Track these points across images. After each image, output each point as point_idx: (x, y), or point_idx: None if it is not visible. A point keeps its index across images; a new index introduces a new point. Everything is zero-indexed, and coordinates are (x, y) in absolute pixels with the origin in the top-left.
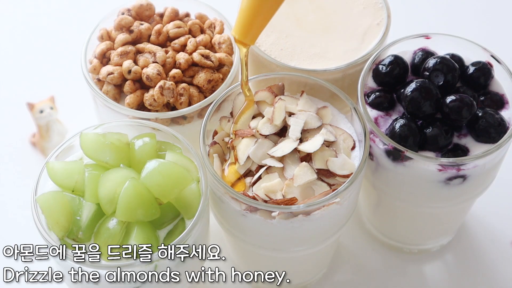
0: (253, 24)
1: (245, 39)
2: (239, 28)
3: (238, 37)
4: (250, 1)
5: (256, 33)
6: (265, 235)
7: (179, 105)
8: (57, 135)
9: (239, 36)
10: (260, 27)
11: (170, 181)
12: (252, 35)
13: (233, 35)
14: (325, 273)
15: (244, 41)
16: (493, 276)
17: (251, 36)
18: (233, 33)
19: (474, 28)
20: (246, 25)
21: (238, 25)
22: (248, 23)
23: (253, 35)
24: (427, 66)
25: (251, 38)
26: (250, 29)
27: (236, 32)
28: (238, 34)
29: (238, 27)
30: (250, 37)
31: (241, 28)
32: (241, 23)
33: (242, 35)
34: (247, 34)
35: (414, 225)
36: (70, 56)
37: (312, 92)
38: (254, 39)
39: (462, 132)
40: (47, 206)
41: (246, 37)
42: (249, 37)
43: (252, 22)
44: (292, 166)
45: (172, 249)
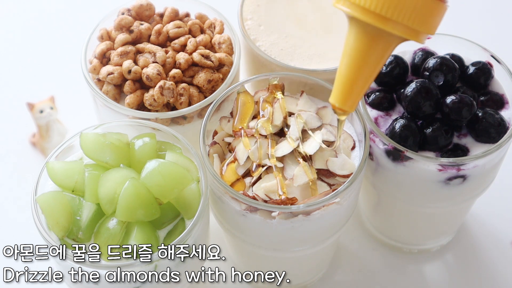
0: (352, 92)
1: (344, 107)
2: (338, 95)
3: (338, 105)
4: (349, 67)
5: (356, 101)
6: (265, 235)
7: (179, 105)
8: (57, 135)
9: (339, 104)
10: (359, 94)
11: (170, 181)
12: (351, 102)
13: (331, 103)
14: (325, 273)
15: (343, 108)
16: (493, 276)
17: (350, 104)
18: (332, 101)
19: (474, 28)
20: (345, 93)
21: (337, 92)
22: (347, 91)
23: (352, 103)
24: (427, 66)
25: (350, 106)
26: (349, 97)
27: (336, 100)
28: (338, 101)
29: (337, 95)
30: (350, 105)
31: (341, 96)
32: (340, 90)
33: (342, 103)
34: (347, 102)
35: (414, 225)
36: (70, 56)
37: (312, 92)
38: (354, 107)
39: (462, 132)
40: (47, 206)
41: (345, 104)
42: (348, 104)
43: (351, 90)
44: (292, 166)
45: (172, 249)
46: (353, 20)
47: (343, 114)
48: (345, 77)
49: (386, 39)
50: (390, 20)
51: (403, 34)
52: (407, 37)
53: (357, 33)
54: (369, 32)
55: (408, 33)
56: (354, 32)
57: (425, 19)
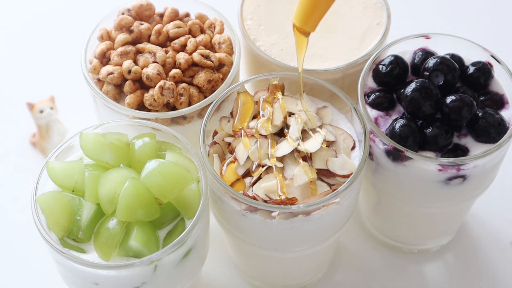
0: (314, 10)
1: (305, 26)
2: (300, 15)
3: (299, 24)
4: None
5: (317, 20)
6: (265, 235)
7: (179, 105)
8: (57, 135)
9: (299, 23)
10: (321, 13)
11: (170, 181)
12: (313, 21)
13: (293, 22)
14: (325, 273)
15: (304, 28)
16: (493, 276)
17: (311, 23)
18: (293, 20)
19: (474, 28)
20: (307, 11)
21: (299, 12)
22: (309, 10)
23: (314, 22)
24: (427, 66)
25: (311, 25)
26: (311, 15)
27: (297, 20)
28: (299, 21)
29: (298, 14)
30: (311, 24)
31: (302, 15)
32: (302, 9)
33: (302, 22)
34: (308, 20)
35: (414, 225)
36: (70, 56)
37: (312, 92)
38: (315, 26)
39: (462, 132)
40: (47, 206)
41: (306, 24)
42: (309, 23)
43: (313, 9)
44: (292, 166)
45: (172, 249)
46: None
47: (304, 34)
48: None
49: None
50: None
51: None
52: None
53: None
54: None
55: None
56: None
57: None
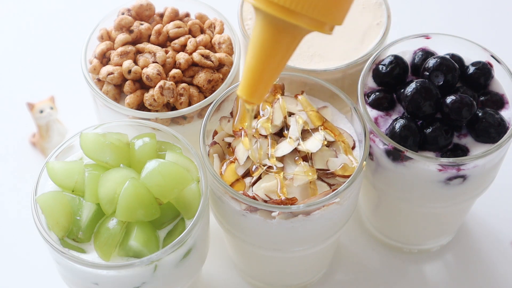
0: (259, 84)
1: (252, 99)
2: (245, 88)
3: (246, 97)
4: (255, 60)
5: (263, 93)
6: (265, 235)
7: (179, 105)
8: (57, 135)
9: (246, 97)
10: (267, 86)
11: (170, 181)
12: (259, 94)
13: (239, 95)
14: (325, 273)
15: (251, 101)
16: (493, 276)
17: (258, 96)
18: (239, 93)
19: (474, 28)
20: (252, 85)
21: (244, 85)
22: (254, 83)
23: (260, 95)
24: (427, 66)
25: (258, 98)
26: (256, 89)
27: (243, 93)
28: (245, 94)
29: (244, 87)
30: (257, 97)
31: (247, 88)
32: (247, 83)
33: (248, 95)
34: (254, 94)
35: (414, 225)
36: (70, 56)
37: (312, 92)
38: (262, 98)
39: (462, 132)
40: (47, 206)
41: (253, 97)
42: (256, 97)
43: (258, 82)
44: (292, 166)
45: (172, 249)
46: (258, 12)
47: (251, 105)
48: (252, 70)
49: (292, 31)
50: (294, 12)
51: (308, 26)
52: (313, 28)
53: (263, 25)
54: (274, 24)
55: (314, 25)
56: (260, 24)
57: (330, 10)
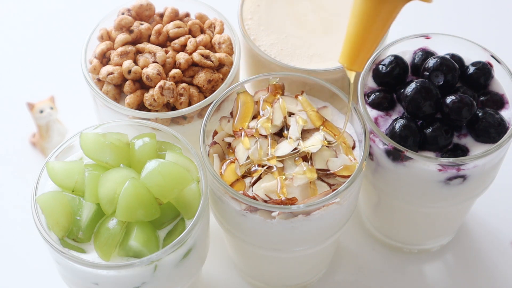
0: (360, 51)
1: (352, 67)
2: (347, 56)
3: (347, 65)
4: (356, 28)
5: (364, 60)
6: (265, 235)
7: (179, 105)
8: (57, 135)
9: (347, 65)
10: (367, 53)
11: (170, 181)
12: (360, 62)
13: (341, 63)
14: (325, 273)
15: (352, 68)
16: (493, 276)
17: (359, 63)
18: (341, 61)
19: (474, 28)
20: (353, 53)
21: (345, 53)
22: (355, 51)
23: (361, 62)
24: (427, 66)
25: (359, 65)
26: (357, 56)
27: (344, 61)
28: (347, 62)
29: (345, 55)
30: (358, 64)
31: (349, 56)
32: (348, 51)
33: (350, 63)
34: (355, 61)
35: (414, 225)
36: (70, 56)
37: (312, 92)
38: (363, 66)
39: (462, 132)
40: (47, 206)
41: (353, 64)
42: (357, 64)
43: (359, 49)
44: (292, 166)
45: (172, 249)
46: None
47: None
48: (353, 38)
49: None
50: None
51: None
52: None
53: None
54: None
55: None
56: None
57: None
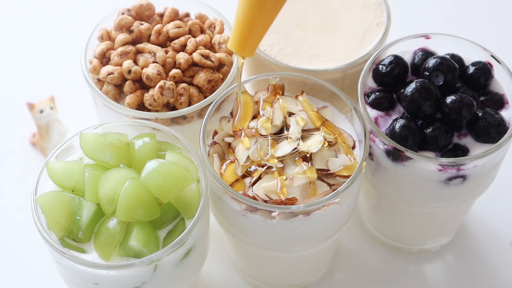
0: (250, 37)
1: (242, 52)
2: (236, 41)
3: (236, 50)
4: (245, 12)
5: (254, 45)
6: (265, 235)
7: (179, 105)
8: (57, 135)
9: (236, 50)
10: (257, 39)
11: (170, 181)
12: (249, 47)
13: (230, 48)
14: (325, 273)
15: (242, 54)
16: (493, 276)
17: (249, 49)
18: (230, 46)
19: (474, 28)
20: (243, 38)
21: (235, 38)
22: (244, 36)
23: (250, 48)
24: (427, 66)
25: (249, 51)
26: (247, 42)
27: (233, 46)
28: (236, 47)
29: (234, 41)
30: (248, 50)
31: (238, 41)
32: (237, 36)
33: (239, 48)
34: (245, 47)
35: (414, 225)
36: (70, 56)
37: (312, 92)
38: (253, 52)
39: (462, 132)
40: (47, 206)
41: (244, 50)
42: (247, 50)
43: (249, 35)
44: (292, 166)
45: (172, 249)
46: None
47: (242, 58)
48: (242, 22)
49: None
50: None
51: None
52: None
53: None
54: None
55: None
56: None
57: None
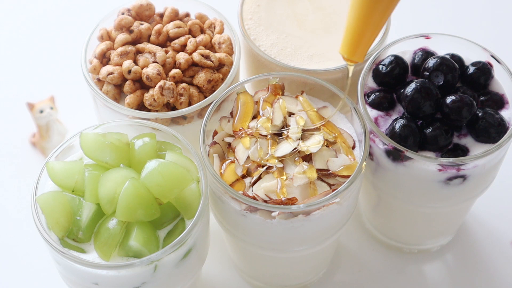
0: (360, 41)
1: (353, 57)
2: (347, 46)
3: (347, 56)
4: (356, 18)
5: (364, 50)
6: (265, 235)
7: (179, 105)
8: (57, 135)
9: (347, 55)
10: (367, 43)
11: (170, 181)
12: (360, 52)
13: (340, 53)
14: (325, 273)
15: (352, 59)
16: (493, 276)
17: (359, 54)
18: (341, 52)
19: (474, 28)
20: (353, 43)
21: (346, 43)
22: (355, 41)
23: (361, 53)
24: (427, 66)
25: (359, 56)
26: (358, 46)
27: (344, 51)
28: (347, 53)
29: (345, 46)
30: (358, 55)
31: (349, 47)
32: (348, 41)
33: (350, 53)
34: (355, 52)
35: (414, 225)
36: (70, 56)
37: (312, 92)
38: (363, 57)
39: (462, 132)
40: (47, 206)
41: (354, 55)
42: (357, 55)
43: (359, 40)
44: (292, 166)
45: (172, 249)
46: None
47: (352, 63)
48: (353, 28)
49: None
50: None
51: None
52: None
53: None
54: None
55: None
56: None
57: None
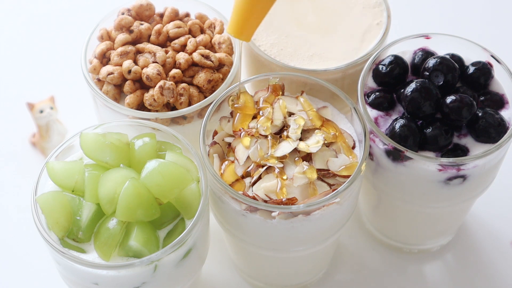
0: (247, 22)
1: (240, 37)
2: (234, 26)
3: (234, 35)
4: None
5: (251, 31)
6: (265, 235)
7: (179, 105)
8: (57, 135)
9: (234, 34)
10: (254, 24)
11: (170, 181)
12: (247, 33)
13: (228, 33)
14: (325, 273)
15: (239, 38)
16: (493, 276)
17: (246, 34)
18: (229, 31)
19: (474, 28)
20: (240, 23)
21: (233, 23)
22: (242, 21)
23: (248, 33)
24: (427, 66)
25: (246, 36)
26: (244, 27)
27: (231, 30)
28: (233, 32)
29: (232, 25)
30: (245, 35)
31: (236, 26)
32: (235, 21)
33: (237, 33)
34: (242, 32)
35: (414, 225)
36: (70, 56)
37: (312, 92)
38: (250, 37)
39: (462, 132)
40: (47, 206)
41: (241, 34)
42: (244, 35)
43: (246, 20)
44: (292, 166)
45: (172, 249)
46: None
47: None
48: (240, 8)
49: None
50: None
51: None
52: None
53: None
54: None
55: None
56: None
57: None
